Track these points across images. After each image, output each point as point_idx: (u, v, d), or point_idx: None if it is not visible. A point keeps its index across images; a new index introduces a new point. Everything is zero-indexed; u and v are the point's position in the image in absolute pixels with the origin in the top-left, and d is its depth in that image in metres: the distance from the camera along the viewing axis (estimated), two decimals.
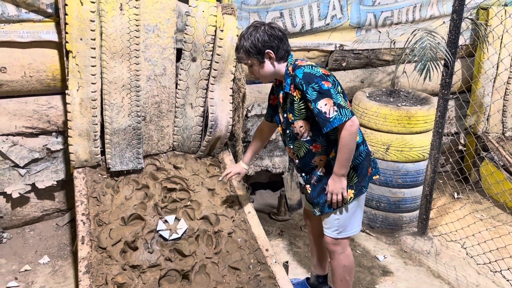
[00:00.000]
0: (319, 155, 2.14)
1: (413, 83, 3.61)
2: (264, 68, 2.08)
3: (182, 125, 2.94)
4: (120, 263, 2.33)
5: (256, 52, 2.03)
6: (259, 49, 2.02)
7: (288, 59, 2.11)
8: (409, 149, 3.15)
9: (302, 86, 1.97)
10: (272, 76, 2.13)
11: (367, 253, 3.07)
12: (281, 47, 2.06)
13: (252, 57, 2.05)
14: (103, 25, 2.58)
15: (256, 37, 2.01)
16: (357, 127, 1.96)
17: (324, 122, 1.95)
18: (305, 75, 1.98)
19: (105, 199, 2.64)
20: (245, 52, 2.05)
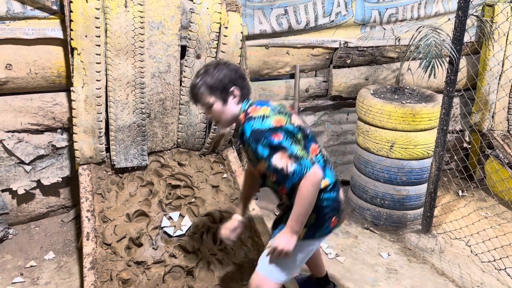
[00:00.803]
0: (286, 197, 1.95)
1: (417, 80, 3.60)
2: (227, 108, 1.85)
3: (187, 122, 2.95)
4: (125, 259, 2.34)
5: (221, 89, 1.81)
6: (225, 85, 1.82)
7: (243, 102, 1.89)
8: (413, 147, 3.14)
9: (251, 146, 1.76)
10: (234, 119, 1.89)
11: (371, 251, 3.07)
12: (245, 86, 1.88)
13: (214, 95, 1.82)
14: (108, 22, 2.59)
15: (222, 73, 1.82)
16: (320, 178, 1.73)
17: (284, 179, 1.73)
18: (252, 132, 1.75)
19: (110, 196, 2.65)
20: (207, 88, 1.81)
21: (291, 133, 1.77)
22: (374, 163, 3.26)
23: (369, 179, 3.33)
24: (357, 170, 3.45)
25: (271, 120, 1.77)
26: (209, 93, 1.82)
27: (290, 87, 3.55)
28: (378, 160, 3.24)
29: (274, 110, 1.83)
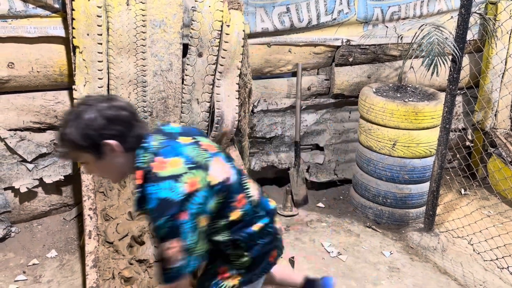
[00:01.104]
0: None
1: (420, 79, 3.59)
2: (106, 165, 1.44)
3: (189, 120, 2.94)
4: (127, 258, 2.35)
5: (88, 145, 1.38)
6: (93, 140, 1.38)
7: (138, 150, 1.43)
8: (416, 145, 3.14)
9: (154, 221, 1.36)
10: (124, 171, 1.49)
11: (373, 249, 3.07)
12: (129, 133, 1.42)
13: (83, 152, 1.40)
14: (110, 20, 2.59)
15: (88, 121, 1.37)
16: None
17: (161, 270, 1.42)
18: (159, 205, 1.34)
19: (112, 194, 2.65)
20: (70, 144, 1.39)
21: (201, 208, 1.39)
22: (376, 161, 3.25)
23: (371, 178, 3.33)
24: (359, 169, 3.45)
25: (183, 183, 1.36)
26: (74, 151, 1.41)
27: (292, 85, 3.55)
28: (380, 158, 3.23)
29: (188, 162, 1.41)
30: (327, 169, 3.84)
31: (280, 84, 3.54)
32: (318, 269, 2.83)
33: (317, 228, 3.29)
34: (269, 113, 3.53)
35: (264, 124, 3.54)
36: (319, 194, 3.82)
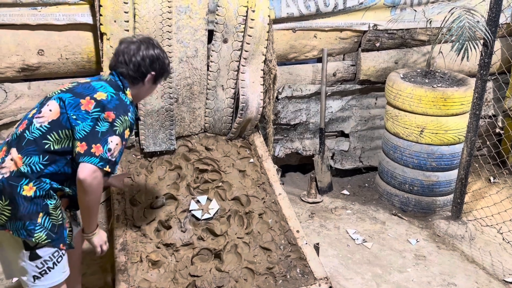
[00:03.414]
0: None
1: (449, 64, 3.50)
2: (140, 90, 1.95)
3: (214, 107, 2.95)
4: (154, 241, 2.39)
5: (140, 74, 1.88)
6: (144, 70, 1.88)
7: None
8: (444, 132, 3.07)
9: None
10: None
11: (399, 237, 3.04)
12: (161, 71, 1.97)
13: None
14: (136, 7, 2.60)
15: (146, 55, 1.87)
16: None
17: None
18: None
19: (140, 179, 2.69)
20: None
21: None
22: (403, 148, 3.21)
23: (397, 165, 3.28)
24: (386, 156, 3.41)
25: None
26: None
27: (317, 71, 3.51)
28: (407, 145, 3.18)
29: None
30: (352, 156, 3.81)
31: (305, 70, 3.51)
32: (343, 256, 2.82)
33: (342, 215, 3.28)
34: (293, 100, 3.51)
35: (289, 111, 3.52)
36: (344, 181, 3.80)
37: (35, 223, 1.69)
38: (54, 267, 1.77)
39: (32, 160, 1.69)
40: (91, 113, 1.69)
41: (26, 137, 1.71)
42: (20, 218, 1.68)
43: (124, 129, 1.73)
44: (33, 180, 1.69)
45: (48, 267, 1.75)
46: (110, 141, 1.66)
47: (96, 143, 1.65)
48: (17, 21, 2.65)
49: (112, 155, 1.67)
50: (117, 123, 1.69)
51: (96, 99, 1.71)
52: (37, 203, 1.70)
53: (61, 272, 1.81)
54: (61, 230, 1.77)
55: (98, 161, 1.63)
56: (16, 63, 2.75)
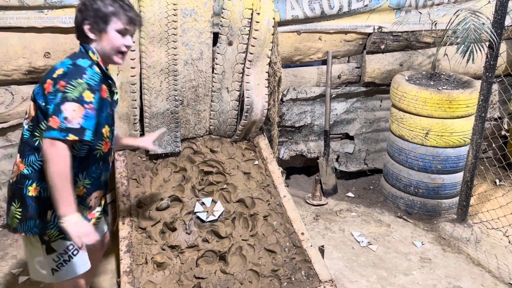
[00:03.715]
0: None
1: (454, 66, 3.49)
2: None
3: (218, 109, 2.96)
4: (159, 243, 2.39)
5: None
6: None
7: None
8: (449, 134, 3.07)
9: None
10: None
11: (404, 239, 3.03)
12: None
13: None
14: (142, 9, 2.61)
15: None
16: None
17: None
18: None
19: (145, 181, 2.70)
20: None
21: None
22: (408, 150, 3.20)
23: (402, 167, 3.28)
24: (391, 158, 3.40)
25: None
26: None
27: (322, 73, 3.51)
28: (412, 147, 3.18)
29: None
30: (357, 159, 3.80)
31: (310, 72, 3.52)
32: (348, 259, 2.82)
33: (347, 217, 3.28)
34: (298, 102, 3.51)
35: (294, 113, 3.52)
36: (349, 183, 3.80)
37: (45, 221, 1.73)
38: (70, 260, 1.80)
39: (30, 160, 1.73)
40: (52, 92, 1.64)
41: (23, 140, 1.76)
42: (31, 217, 1.73)
43: (80, 92, 1.61)
44: (35, 180, 1.72)
45: (64, 260, 1.79)
46: (64, 109, 1.58)
47: (52, 116, 1.60)
48: (23, 24, 2.67)
49: (72, 122, 1.58)
50: (68, 88, 1.60)
51: (53, 77, 1.66)
52: (44, 202, 1.73)
53: (79, 265, 1.83)
54: None
55: (57, 133, 1.57)
56: (22, 65, 2.77)
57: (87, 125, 1.62)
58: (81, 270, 1.85)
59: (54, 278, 1.80)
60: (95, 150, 1.78)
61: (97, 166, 1.82)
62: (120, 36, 1.73)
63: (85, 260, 1.87)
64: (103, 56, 1.76)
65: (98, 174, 1.84)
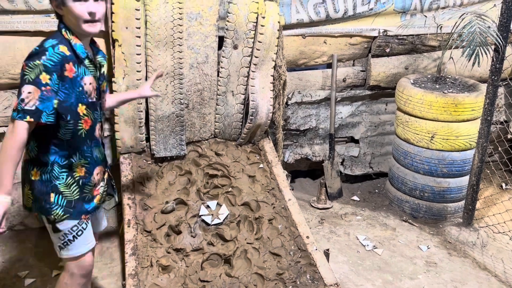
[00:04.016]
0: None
1: (460, 69, 3.48)
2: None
3: (224, 112, 2.97)
4: (165, 246, 2.40)
5: None
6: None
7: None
8: (455, 138, 3.06)
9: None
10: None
11: (410, 243, 3.02)
12: None
13: None
14: (148, 13, 2.63)
15: None
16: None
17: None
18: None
19: (150, 184, 2.71)
20: None
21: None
22: (414, 154, 3.19)
23: (408, 171, 3.27)
24: (396, 162, 3.39)
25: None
26: None
27: (327, 77, 3.51)
28: (418, 151, 3.17)
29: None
30: (362, 162, 3.80)
31: (315, 75, 3.52)
32: (353, 263, 2.81)
33: (352, 221, 3.27)
34: (303, 105, 3.51)
35: (298, 116, 3.52)
36: (354, 187, 3.79)
37: (50, 203, 1.80)
38: (74, 240, 1.87)
39: (29, 147, 1.80)
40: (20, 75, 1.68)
41: None
42: (37, 199, 1.81)
43: (37, 74, 1.62)
44: (36, 165, 1.79)
45: (68, 239, 1.86)
46: (22, 91, 1.61)
47: (16, 98, 1.65)
48: (31, 28, 2.69)
49: (28, 104, 1.60)
50: (26, 71, 1.62)
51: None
52: (46, 185, 1.80)
53: (82, 244, 1.90)
54: (78, 204, 1.86)
55: (15, 114, 1.61)
56: None
57: (43, 107, 1.63)
58: (84, 250, 1.91)
59: (61, 254, 1.90)
60: (77, 130, 1.79)
61: (87, 144, 1.85)
62: (78, 5, 1.66)
63: (89, 239, 1.93)
64: (76, 29, 1.73)
65: (90, 152, 1.88)
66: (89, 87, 1.79)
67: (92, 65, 1.81)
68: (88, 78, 1.79)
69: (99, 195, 1.97)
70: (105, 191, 2.01)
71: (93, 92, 1.82)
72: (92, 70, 1.81)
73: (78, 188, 1.86)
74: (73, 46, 1.72)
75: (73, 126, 1.76)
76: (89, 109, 1.81)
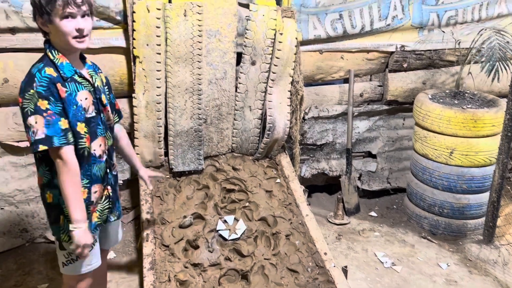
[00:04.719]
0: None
1: (479, 85, 3.46)
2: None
3: (241, 127, 2.99)
4: (182, 261, 2.41)
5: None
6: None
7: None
8: (475, 153, 3.02)
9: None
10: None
11: (429, 260, 2.97)
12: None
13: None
14: (168, 31, 2.68)
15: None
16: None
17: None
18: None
19: (168, 199, 2.73)
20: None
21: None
22: (432, 170, 3.16)
23: (427, 187, 3.23)
24: (414, 177, 3.36)
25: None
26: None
27: (343, 91, 3.52)
28: (436, 167, 3.14)
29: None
30: (379, 177, 3.77)
31: (332, 90, 3.53)
32: (371, 280, 2.78)
33: (370, 237, 3.24)
34: (320, 120, 3.52)
35: (315, 131, 3.53)
36: (371, 202, 3.76)
37: (59, 227, 1.84)
38: (77, 260, 1.89)
39: (40, 172, 1.83)
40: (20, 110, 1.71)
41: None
42: (52, 223, 1.87)
43: (35, 103, 1.63)
44: (50, 188, 1.83)
45: (71, 258, 1.89)
46: (29, 124, 1.64)
47: (26, 132, 1.68)
48: None
49: (38, 133, 1.64)
50: (25, 103, 1.64)
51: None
52: (57, 208, 1.84)
53: (85, 264, 1.92)
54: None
55: (34, 148, 1.66)
56: None
57: (51, 132, 1.66)
58: (86, 270, 1.94)
59: (63, 270, 1.94)
60: (80, 149, 1.78)
61: (88, 162, 1.83)
62: (67, 22, 1.65)
63: (92, 261, 1.95)
64: (64, 46, 1.72)
65: (89, 170, 1.84)
66: (85, 102, 1.78)
67: (85, 80, 1.81)
68: (83, 93, 1.77)
69: (98, 213, 1.92)
70: (107, 209, 1.97)
71: (92, 107, 1.81)
72: (86, 85, 1.80)
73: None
74: (58, 66, 1.71)
75: (77, 146, 1.77)
76: (88, 125, 1.80)
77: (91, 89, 1.83)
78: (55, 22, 1.66)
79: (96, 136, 1.85)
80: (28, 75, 1.69)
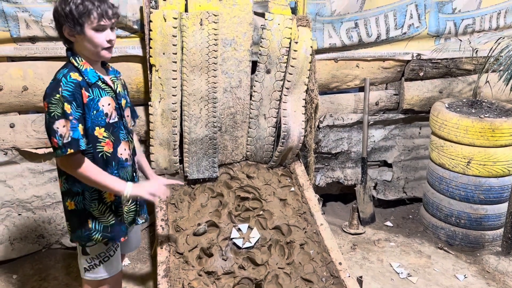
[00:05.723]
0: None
1: (497, 94, 3.41)
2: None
3: (256, 135, 3.00)
4: (196, 269, 2.41)
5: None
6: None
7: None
8: (492, 163, 2.97)
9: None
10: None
11: (446, 272, 2.92)
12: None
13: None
14: (184, 39, 2.71)
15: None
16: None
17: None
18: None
19: (183, 206, 2.74)
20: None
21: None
22: (449, 179, 3.12)
23: (443, 197, 3.19)
24: (431, 187, 3.32)
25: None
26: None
27: (359, 100, 3.50)
28: (453, 176, 3.10)
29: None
30: (395, 187, 3.73)
31: (347, 99, 3.51)
32: None
33: (385, 247, 3.20)
34: (335, 129, 3.50)
35: (330, 140, 3.51)
36: (387, 212, 3.72)
37: (88, 229, 1.87)
38: (100, 265, 1.93)
39: (61, 179, 1.87)
40: (45, 114, 1.73)
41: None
42: (77, 228, 1.87)
43: (62, 107, 1.67)
44: (70, 196, 1.86)
45: (94, 263, 1.93)
46: (56, 128, 1.67)
47: (50, 137, 1.70)
48: None
49: (66, 137, 1.68)
50: (51, 108, 1.68)
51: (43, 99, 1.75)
52: (80, 213, 1.87)
53: (107, 269, 1.95)
54: (115, 228, 1.92)
55: (60, 152, 1.68)
56: None
57: (77, 135, 1.70)
58: (107, 275, 1.97)
59: (84, 275, 1.96)
60: (97, 153, 1.80)
61: (111, 167, 1.85)
62: (98, 33, 1.72)
63: (114, 266, 1.98)
64: (89, 55, 1.77)
65: (117, 174, 1.88)
66: (108, 108, 1.81)
67: (107, 85, 1.84)
68: (106, 99, 1.81)
69: (125, 214, 1.97)
70: (133, 211, 2.01)
71: (114, 112, 1.84)
72: (109, 91, 1.84)
73: (112, 213, 1.90)
74: (83, 72, 1.76)
75: (92, 150, 1.79)
76: (109, 131, 1.82)
77: (113, 95, 1.86)
78: (87, 33, 1.71)
79: (119, 141, 1.88)
80: (54, 80, 1.74)
